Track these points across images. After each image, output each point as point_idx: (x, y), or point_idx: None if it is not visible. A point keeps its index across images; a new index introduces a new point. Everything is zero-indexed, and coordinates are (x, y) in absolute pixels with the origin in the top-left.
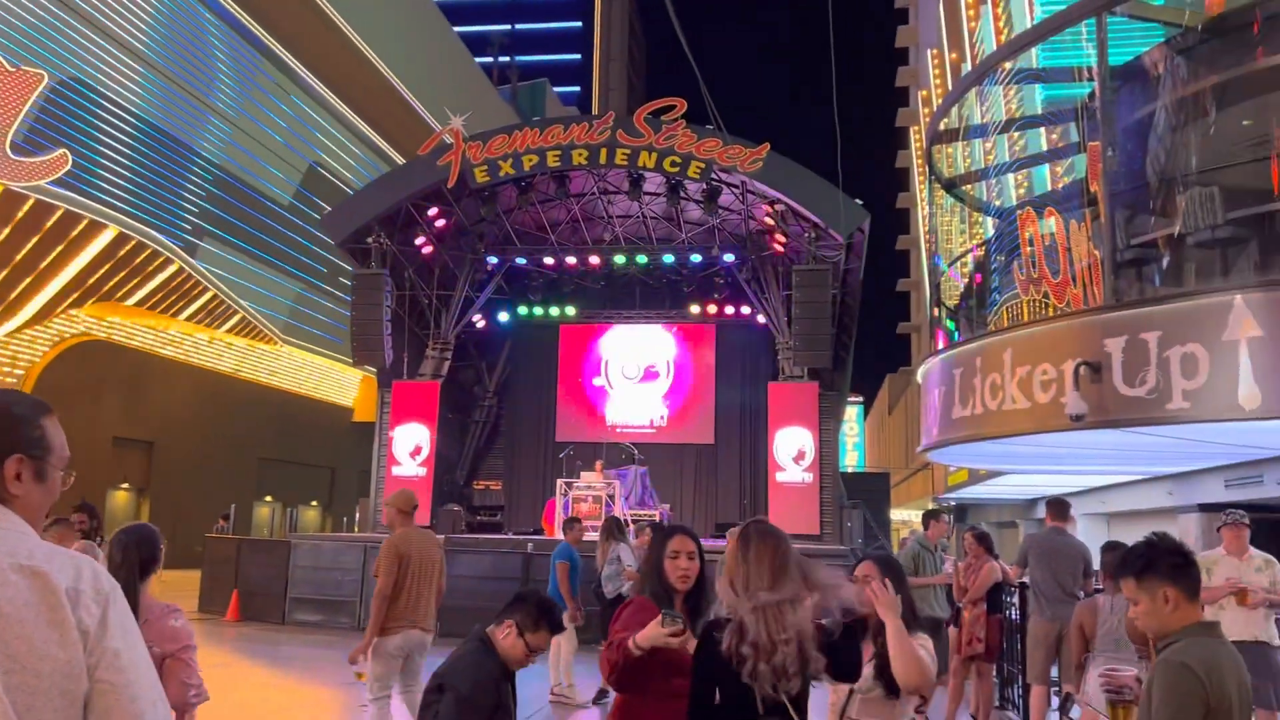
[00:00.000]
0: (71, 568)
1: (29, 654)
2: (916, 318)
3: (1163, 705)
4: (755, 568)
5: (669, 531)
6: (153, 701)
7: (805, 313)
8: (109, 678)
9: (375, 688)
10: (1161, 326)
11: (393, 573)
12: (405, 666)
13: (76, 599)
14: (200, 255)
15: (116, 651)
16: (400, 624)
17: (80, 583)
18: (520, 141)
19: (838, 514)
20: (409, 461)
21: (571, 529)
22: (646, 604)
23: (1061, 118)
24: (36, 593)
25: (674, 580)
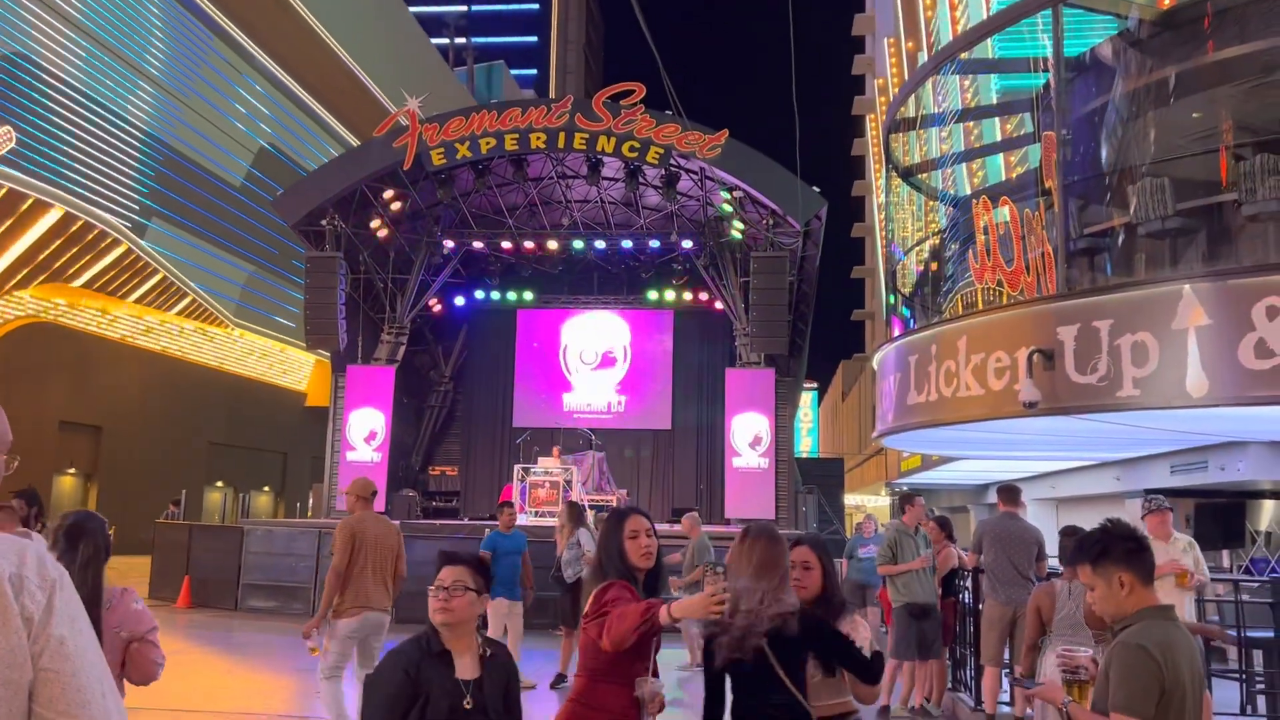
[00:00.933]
0: (14, 553)
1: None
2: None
3: (1120, 686)
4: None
5: (623, 514)
6: (100, 692)
7: (763, 299)
8: (53, 666)
9: (328, 668)
10: (1113, 315)
11: (346, 551)
12: (362, 648)
13: (20, 586)
14: (149, 236)
15: (61, 639)
16: (356, 606)
17: (24, 569)
18: (477, 124)
19: (793, 499)
20: (364, 446)
21: (501, 514)
22: (626, 585)
23: (1016, 108)
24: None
25: (636, 560)
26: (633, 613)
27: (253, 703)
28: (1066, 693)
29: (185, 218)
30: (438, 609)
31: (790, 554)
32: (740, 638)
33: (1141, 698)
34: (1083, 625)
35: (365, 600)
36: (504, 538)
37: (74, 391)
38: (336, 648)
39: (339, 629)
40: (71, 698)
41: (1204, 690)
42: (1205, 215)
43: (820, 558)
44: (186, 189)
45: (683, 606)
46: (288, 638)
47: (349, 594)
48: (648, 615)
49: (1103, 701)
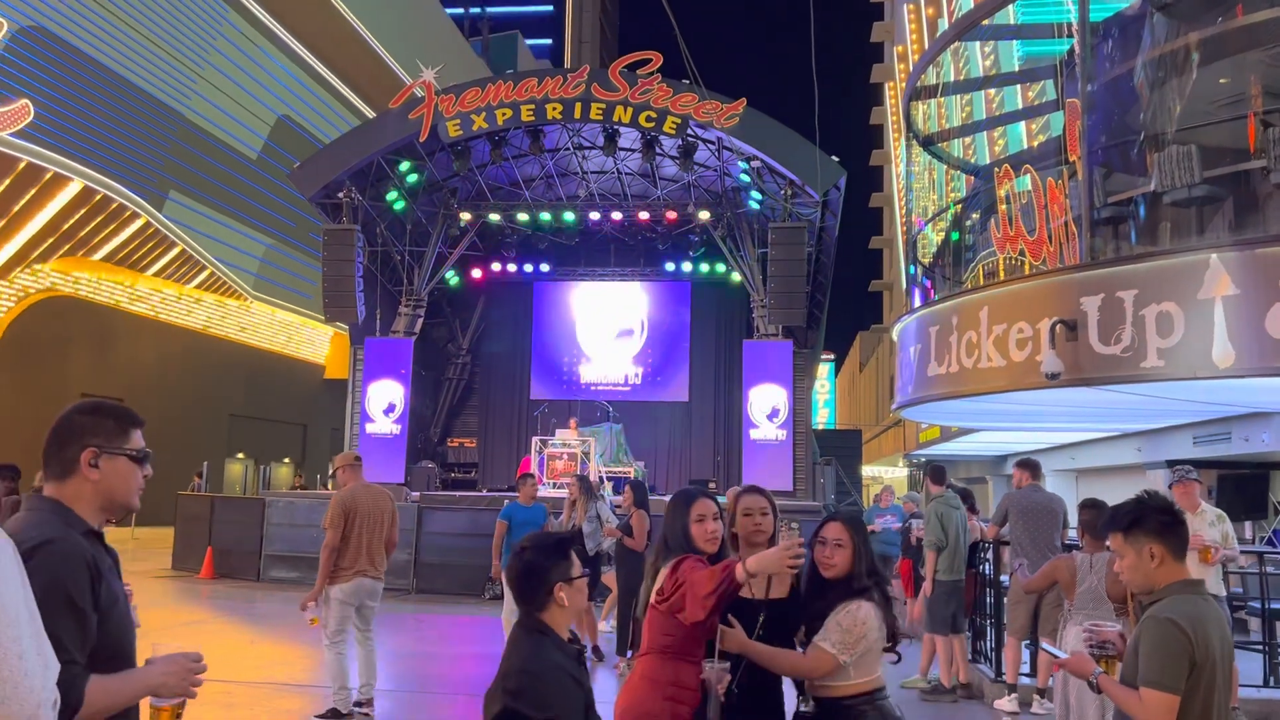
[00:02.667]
0: None
1: None
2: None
3: (1149, 660)
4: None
5: (691, 496)
6: (17, 654)
7: (781, 270)
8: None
9: (331, 635)
10: (1137, 285)
11: (339, 526)
12: (360, 613)
13: None
14: (168, 209)
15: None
16: (351, 573)
17: None
18: (493, 95)
19: (810, 471)
20: (382, 419)
21: (523, 485)
22: (698, 558)
23: (1039, 74)
24: None
25: (702, 544)
26: (708, 575)
27: (275, 671)
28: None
29: (203, 190)
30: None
31: (824, 530)
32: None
33: (1172, 672)
34: (1104, 598)
35: (359, 566)
36: (521, 509)
37: (95, 364)
38: (336, 612)
39: (334, 594)
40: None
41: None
42: (1232, 183)
43: (854, 536)
44: (204, 162)
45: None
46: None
47: (344, 560)
48: (725, 574)
49: (1132, 675)
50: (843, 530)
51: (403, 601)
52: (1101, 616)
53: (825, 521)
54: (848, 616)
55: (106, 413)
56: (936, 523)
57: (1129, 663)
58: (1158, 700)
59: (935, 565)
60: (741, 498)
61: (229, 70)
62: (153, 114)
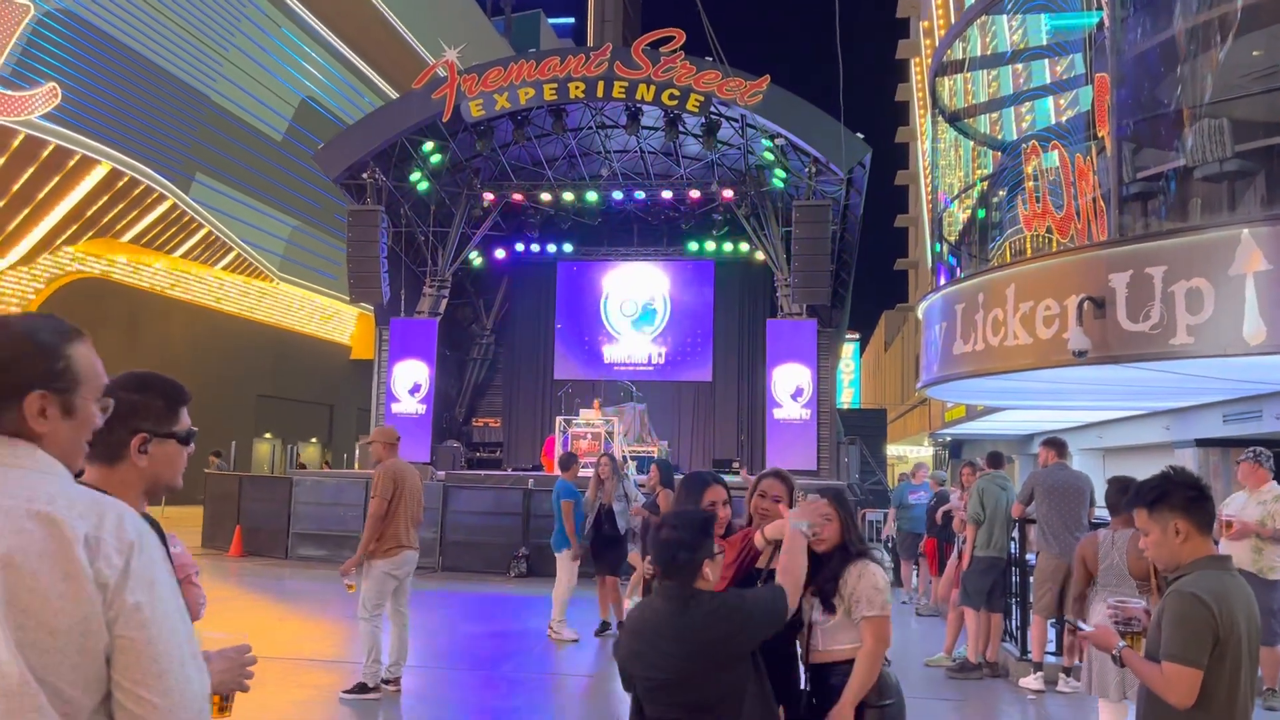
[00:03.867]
0: (94, 513)
1: (43, 610)
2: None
3: (1172, 634)
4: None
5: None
6: (179, 660)
7: (805, 249)
8: (128, 633)
9: (368, 609)
10: (1167, 261)
11: (387, 496)
12: (398, 588)
13: (96, 548)
14: (194, 191)
15: (138, 605)
16: (395, 546)
17: (101, 530)
18: (516, 74)
19: (835, 450)
20: (408, 399)
21: (570, 466)
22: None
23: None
24: (51, 542)
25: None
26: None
27: (304, 647)
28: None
29: (229, 173)
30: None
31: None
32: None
33: (1195, 646)
34: (1126, 576)
35: (401, 540)
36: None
37: (123, 346)
38: (375, 587)
39: (378, 568)
40: (147, 667)
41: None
42: (1265, 157)
43: (839, 510)
44: (230, 144)
45: (777, 526)
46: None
47: (387, 535)
48: (745, 543)
49: (1156, 650)
50: (827, 506)
51: (428, 579)
52: (1124, 593)
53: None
54: (868, 580)
55: (156, 391)
56: (977, 498)
57: (1153, 638)
58: (1180, 674)
59: (974, 540)
60: (762, 479)
61: (253, 52)
62: (179, 97)
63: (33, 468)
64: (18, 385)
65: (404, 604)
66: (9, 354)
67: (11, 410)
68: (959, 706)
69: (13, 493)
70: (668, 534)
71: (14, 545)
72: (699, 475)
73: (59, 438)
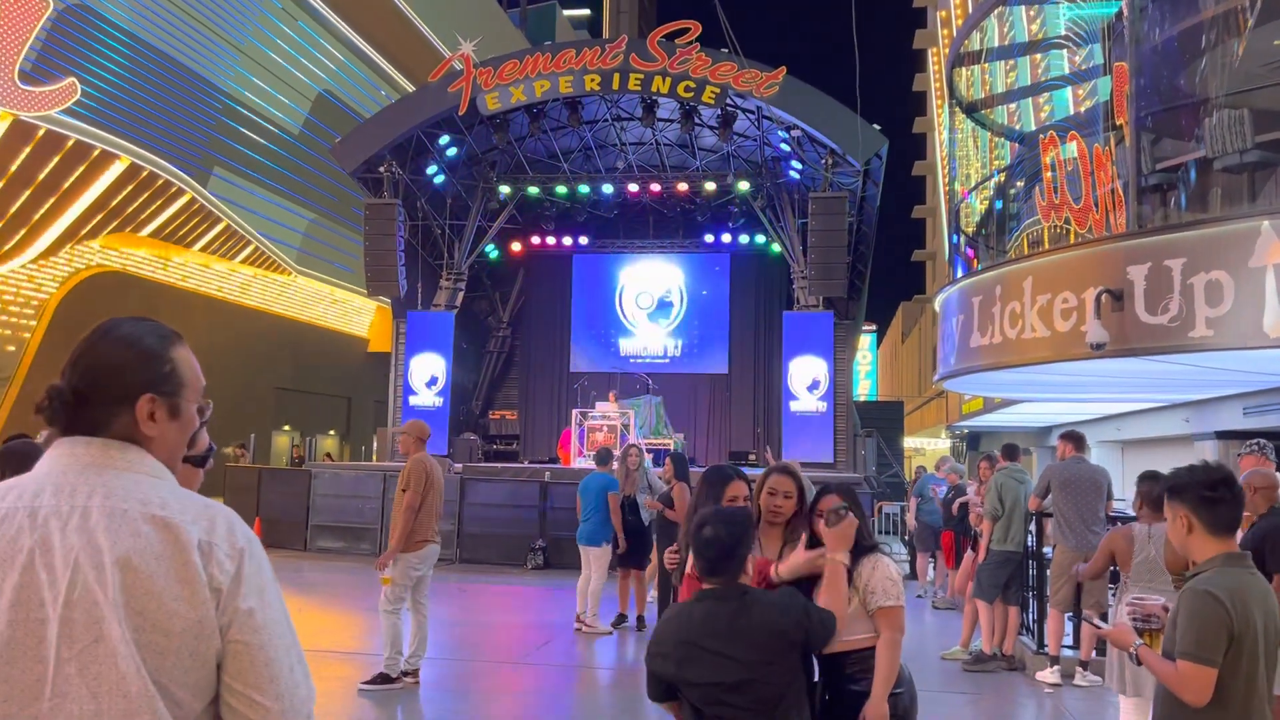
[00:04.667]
0: (206, 519)
1: (158, 611)
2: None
3: (1186, 632)
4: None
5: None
6: (289, 665)
7: (821, 241)
8: (242, 638)
9: (392, 602)
10: (1186, 253)
11: (421, 488)
12: (419, 580)
13: (209, 553)
14: (212, 185)
15: (250, 610)
16: (421, 540)
17: (214, 535)
18: (532, 67)
19: (851, 443)
20: (425, 391)
21: (608, 460)
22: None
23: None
24: (167, 546)
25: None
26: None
27: (323, 639)
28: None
29: (246, 166)
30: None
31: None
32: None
33: (1209, 644)
34: (1162, 570)
35: (427, 535)
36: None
37: None
38: (402, 579)
39: (404, 561)
40: (259, 671)
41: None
42: None
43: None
44: (247, 137)
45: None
46: (356, 577)
47: (420, 527)
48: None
49: (1171, 647)
50: (840, 502)
51: (447, 571)
52: (1159, 588)
53: (820, 496)
54: (881, 571)
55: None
56: (995, 493)
57: (1169, 635)
58: (1194, 672)
59: (990, 534)
60: (771, 475)
61: (270, 46)
62: (196, 91)
63: (144, 472)
64: (129, 390)
65: (424, 596)
66: (118, 359)
67: (124, 415)
68: (975, 700)
69: (128, 496)
70: (711, 532)
71: (132, 548)
72: (720, 470)
73: (166, 441)
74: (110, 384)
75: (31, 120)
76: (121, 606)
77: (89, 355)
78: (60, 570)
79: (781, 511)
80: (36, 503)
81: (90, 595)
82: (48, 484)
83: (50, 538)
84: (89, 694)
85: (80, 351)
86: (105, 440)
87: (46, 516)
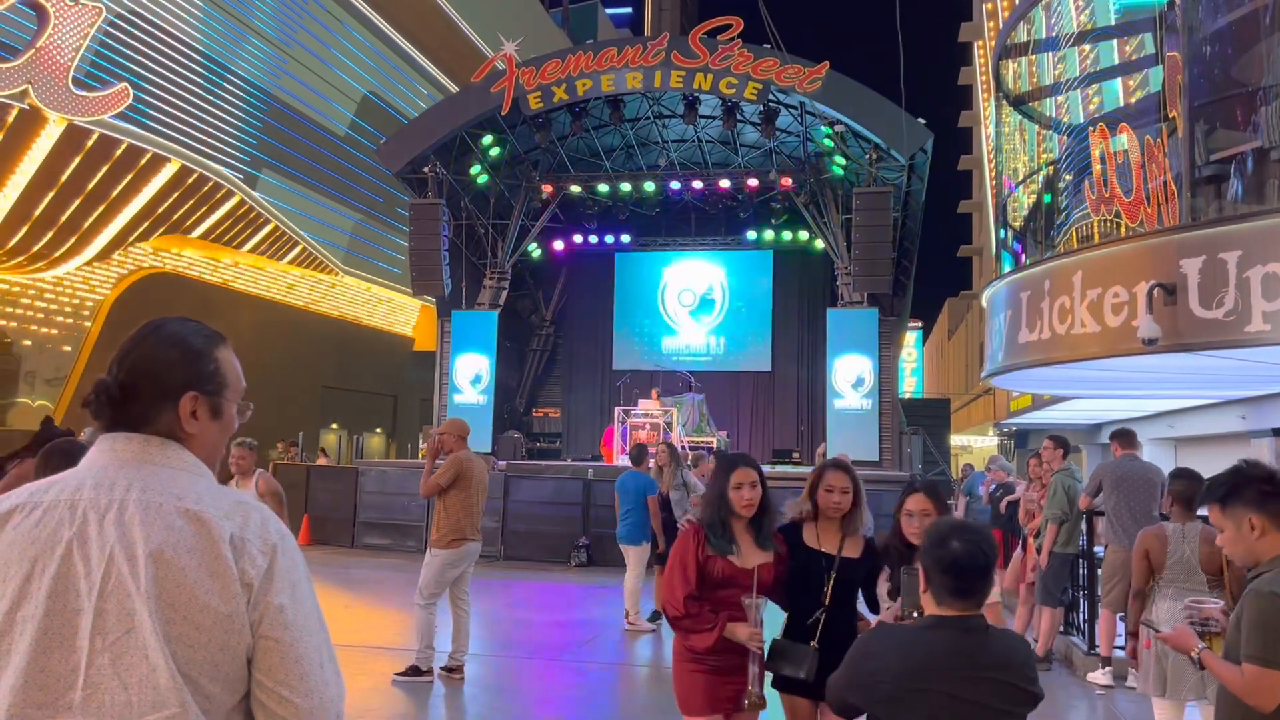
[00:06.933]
0: (239, 514)
1: (189, 605)
2: (978, 239)
3: (1253, 635)
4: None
5: (732, 463)
6: (319, 662)
7: (865, 237)
8: (273, 634)
9: (425, 595)
10: (1242, 245)
11: (444, 482)
12: (458, 578)
13: (241, 548)
14: (260, 187)
15: (281, 607)
16: (459, 538)
17: (246, 531)
18: (574, 66)
19: (897, 441)
20: (470, 389)
21: (643, 459)
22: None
23: (1137, 28)
24: (199, 540)
25: (739, 509)
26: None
27: (368, 635)
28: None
29: (294, 168)
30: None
31: (909, 503)
32: None
33: (1276, 647)
34: (1197, 570)
35: (464, 532)
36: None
37: None
38: (435, 576)
39: (440, 558)
40: (290, 668)
41: None
42: None
43: (936, 505)
44: (294, 140)
45: (732, 631)
46: (402, 574)
47: (449, 526)
48: (697, 631)
49: (1235, 651)
50: (925, 501)
51: (491, 567)
52: (1194, 588)
53: (908, 494)
54: None
55: None
56: (1063, 495)
57: (1232, 638)
58: (1261, 676)
59: (1054, 538)
60: (827, 472)
61: (317, 49)
62: (244, 94)
63: (182, 468)
64: (173, 387)
65: (464, 592)
66: (164, 357)
67: (167, 412)
68: None
69: (164, 491)
70: (963, 548)
71: (165, 541)
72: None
73: (206, 439)
74: (155, 381)
75: (85, 125)
76: (154, 599)
77: (135, 352)
78: (96, 562)
79: (840, 507)
80: (77, 496)
81: (123, 587)
82: (89, 478)
83: (87, 530)
84: (120, 685)
85: (127, 349)
86: (146, 436)
87: (85, 509)
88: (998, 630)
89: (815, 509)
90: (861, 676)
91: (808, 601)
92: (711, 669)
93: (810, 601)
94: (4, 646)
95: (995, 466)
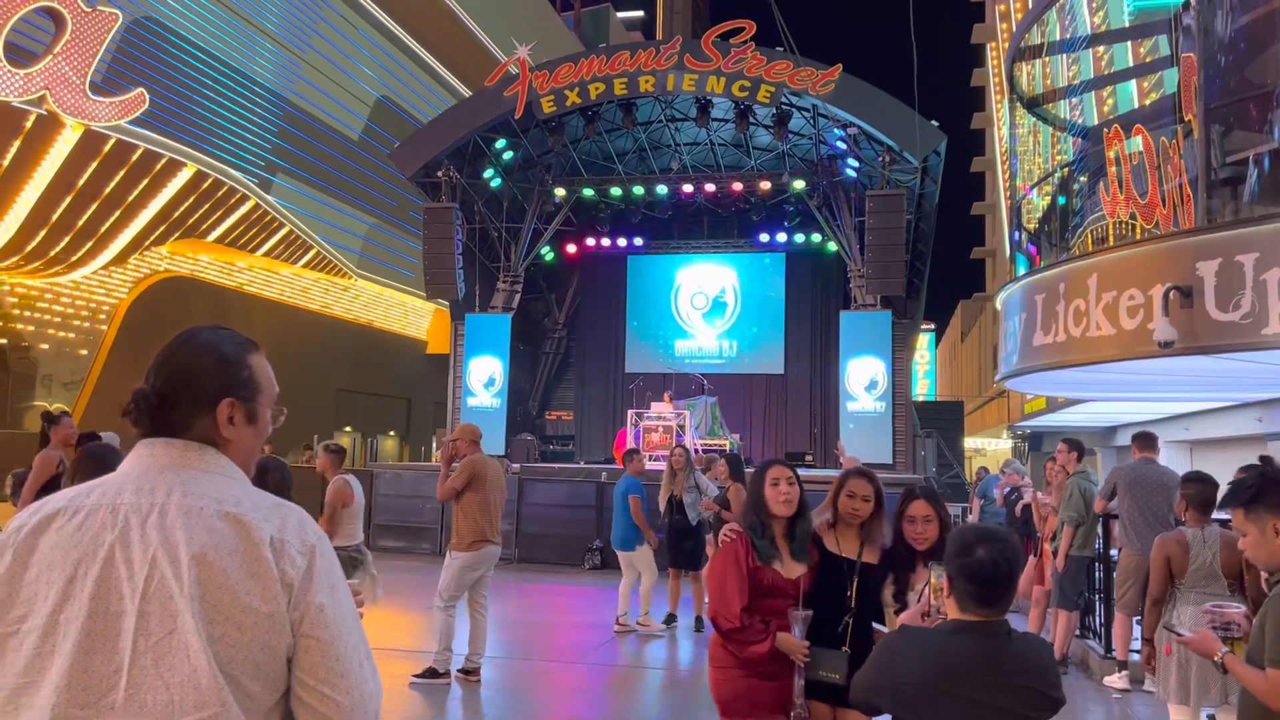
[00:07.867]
0: (278, 516)
1: (231, 605)
2: (991, 242)
3: (1277, 640)
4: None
5: (767, 462)
6: (358, 661)
7: (878, 239)
8: (313, 633)
9: (444, 598)
10: (1259, 248)
11: (458, 486)
12: (478, 581)
13: (281, 549)
14: (275, 191)
15: (321, 606)
16: (479, 540)
17: (285, 533)
18: (586, 70)
19: (910, 443)
20: (483, 392)
21: (633, 460)
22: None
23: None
24: (240, 542)
25: (775, 507)
26: (747, 633)
27: (384, 637)
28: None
29: (308, 172)
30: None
31: (911, 509)
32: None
33: None
34: (1218, 575)
35: (483, 535)
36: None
37: None
38: (454, 579)
39: (459, 561)
40: (330, 666)
41: None
42: None
43: (939, 511)
44: (308, 144)
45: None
46: (417, 576)
47: (468, 529)
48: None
49: (1258, 655)
50: (928, 507)
51: (505, 570)
52: (1214, 593)
53: (907, 500)
54: None
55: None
56: (1079, 498)
57: (1255, 643)
58: None
59: (1071, 541)
60: (850, 479)
61: (330, 54)
62: (259, 99)
63: (220, 472)
64: (209, 394)
65: (483, 595)
66: (199, 365)
67: (204, 418)
68: None
69: (203, 494)
70: (988, 555)
71: (206, 544)
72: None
73: (242, 444)
74: (191, 389)
75: (102, 130)
76: (196, 600)
77: (172, 361)
78: (138, 565)
79: (859, 513)
80: (118, 500)
81: (166, 589)
82: (129, 483)
83: (130, 533)
84: (163, 685)
85: (163, 357)
86: (185, 442)
87: (127, 513)
88: (1020, 635)
89: (835, 514)
90: (885, 679)
91: (833, 607)
92: (757, 674)
93: (835, 607)
94: (47, 647)
95: (1010, 470)
